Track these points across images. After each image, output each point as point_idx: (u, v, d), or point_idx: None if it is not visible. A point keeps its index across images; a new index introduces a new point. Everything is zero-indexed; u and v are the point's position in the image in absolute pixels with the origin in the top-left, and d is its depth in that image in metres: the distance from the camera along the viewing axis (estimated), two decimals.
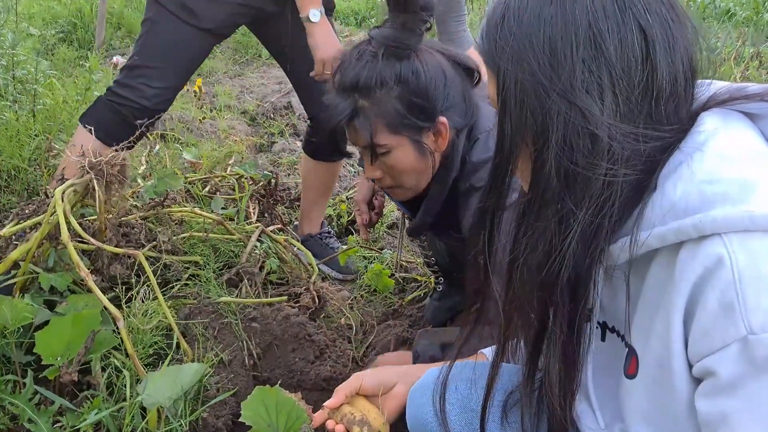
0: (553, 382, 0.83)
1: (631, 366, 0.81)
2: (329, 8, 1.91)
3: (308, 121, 2.15)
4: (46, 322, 1.35)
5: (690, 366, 0.72)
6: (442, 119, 1.31)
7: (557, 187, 0.74)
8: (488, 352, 1.13)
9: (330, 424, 1.12)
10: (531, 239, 0.78)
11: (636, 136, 0.72)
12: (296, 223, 2.36)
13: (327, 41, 1.74)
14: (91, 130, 1.75)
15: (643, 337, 0.78)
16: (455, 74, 1.34)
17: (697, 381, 0.72)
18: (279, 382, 1.48)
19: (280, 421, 1.16)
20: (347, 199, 2.57)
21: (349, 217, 2.46)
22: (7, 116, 2.40)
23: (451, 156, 1.37)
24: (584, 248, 0.75)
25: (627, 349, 0.83)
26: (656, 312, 0.75)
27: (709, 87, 0.80)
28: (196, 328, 1.57)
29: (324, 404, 1.13)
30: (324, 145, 2.03)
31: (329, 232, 2.29)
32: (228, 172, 2.50)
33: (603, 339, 0.88)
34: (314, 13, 1.71)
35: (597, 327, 0.88)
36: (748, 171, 0.69)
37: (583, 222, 0.74)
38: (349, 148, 1.66)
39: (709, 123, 0.74)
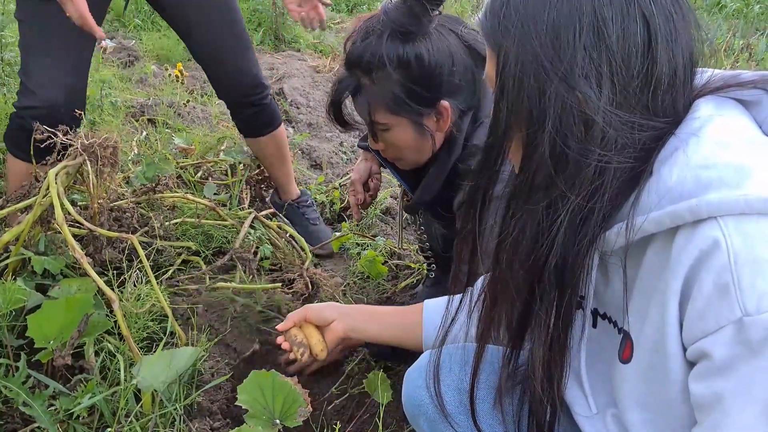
0: (536, 367, 0.83)
1: (625, 351, 0.82)
2: None
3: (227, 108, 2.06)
4: (38, 306, 1.34)
5: (685, 349, 0.73)
6: (445, 104, 1.31)
7: (549, 171, 0.74)
8: None
9: (279, 339, 1.35)
10: (519, 222, 0.78)
11: (632, 125, 0.72)
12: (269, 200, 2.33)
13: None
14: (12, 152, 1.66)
15: (638, 322, 0.78)
16: (466, 57, 1.33)
17: (692, 364, 0.73)
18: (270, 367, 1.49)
19: (276, 404, 1.16)
20: (340, 186, 2.56)
21: (342, 204, 2.46)
22: None
23: (454, 137, 1.37)
24: (573, 234, 0.75)
25: (621, 335, 0.83)
26: (652, 297, 0.75)
27: (702, 75, 0.80)
28: (191, 313, 1.57)
29: (276, 327, 1.37)
30: (250, 120, 2.00)
31: (307, 201, 2.25)
32: (220, 157, 2.48)
33: (594, 326, 0.89)
34: None
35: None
36: (743, 156, 0.70)
37: (572, 208, 0.74)
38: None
39: (703, 110, 0.75)
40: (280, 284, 1.80)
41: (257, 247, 1.94)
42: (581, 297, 0.83)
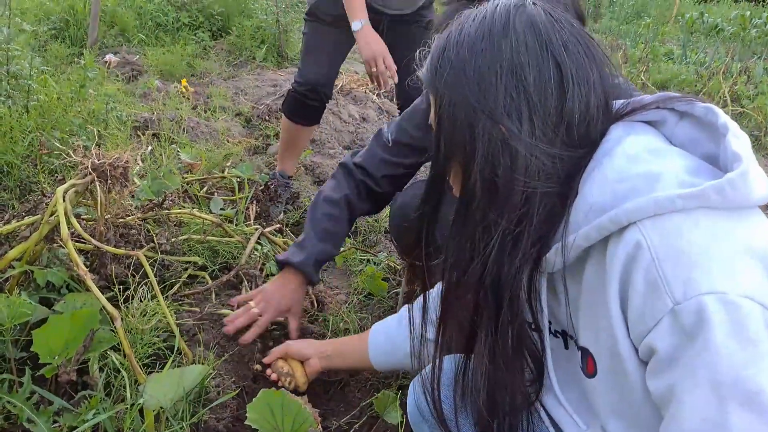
0: (478, 381, 0.90)
1: (588, 366, 0.87)
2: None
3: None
4: (43, 320, 1.32)
5: (637, 350, 0.77)
6: None
7: (481, 197, 0.83)
8: None
9: (268, 371, 1.45)
10: (458, 243, 0.87)
11: (552, 156, 0.81)
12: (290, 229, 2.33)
13: (367, 43, 2.14)
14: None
15: (592, 335, 0.84)
16: None
17: (646, 363, 0.77)
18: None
19: (285, 424, 1.15)
20: None
21: None
22: (1, 111, 2.37)
23: None
24: (505, 255, 0.83)
25: (580, 351, 0.88)
26: (597, 308, 0.80)
27: (615, 105, 0.89)
28: (198, 330, 1.55)
29: (263, 359, 1.49)
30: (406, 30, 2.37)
31: None
32: (226, 173, 2.48)
33: (567, 347, 0.93)
34: (356, 24, 2.14)
35: (558, 337, 0.94)
36: (651, 165, 0.78)
37: (503, 231, 0.82)
38: None
39: (614, 133, 0.83)
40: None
41: (263, 264, 1.93)
42: (532, 320, 0.89)
